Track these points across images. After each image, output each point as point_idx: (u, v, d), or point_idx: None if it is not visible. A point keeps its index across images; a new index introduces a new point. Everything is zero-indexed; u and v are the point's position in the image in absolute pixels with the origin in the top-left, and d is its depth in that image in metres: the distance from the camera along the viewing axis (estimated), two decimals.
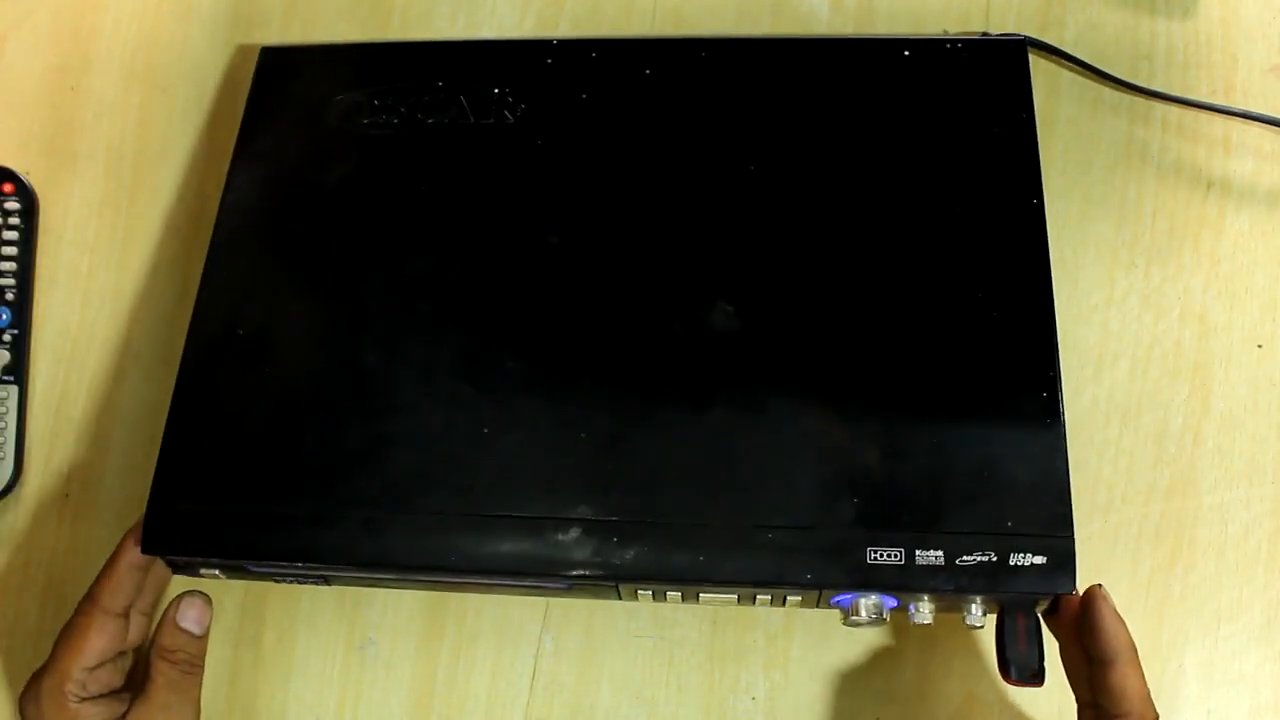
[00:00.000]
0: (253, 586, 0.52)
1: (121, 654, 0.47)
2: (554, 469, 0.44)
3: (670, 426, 0.45)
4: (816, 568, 0.41)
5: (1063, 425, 0.43)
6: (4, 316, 0.55)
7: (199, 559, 0.46)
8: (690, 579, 0.42)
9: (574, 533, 0.43)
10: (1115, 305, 0.52)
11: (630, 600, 0.46)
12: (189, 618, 0.47)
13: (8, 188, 0.57)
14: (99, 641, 0.45)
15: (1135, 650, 0.41)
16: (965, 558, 0.41)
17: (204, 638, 0.48)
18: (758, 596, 0.44)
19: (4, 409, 0.55)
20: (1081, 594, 0.42)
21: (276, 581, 0.48)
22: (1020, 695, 0.48)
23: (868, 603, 0.42)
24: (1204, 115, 0.54)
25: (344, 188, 0.51)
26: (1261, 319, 0.52)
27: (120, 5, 0.61)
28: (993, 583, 0.41)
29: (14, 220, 0.57)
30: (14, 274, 0.56)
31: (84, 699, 0.45)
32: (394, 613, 0.52)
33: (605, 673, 0.51)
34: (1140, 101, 0.55)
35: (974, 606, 0.42)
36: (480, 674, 0.51)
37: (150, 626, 0.48)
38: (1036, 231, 0.46)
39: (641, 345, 0.47)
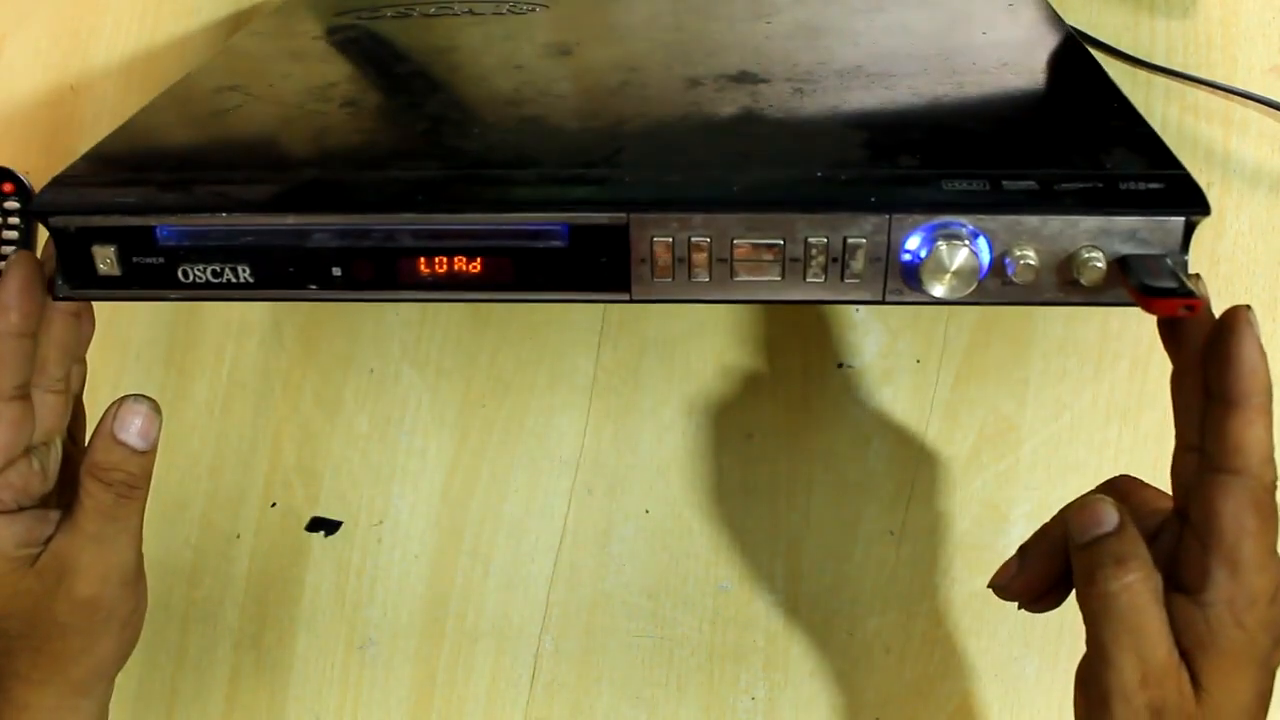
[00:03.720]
0: (251, 584, 0.52)
1: (36, 449, 0.37)
2: (556, 140, 0.37)
3: (689, 100, 0.38)
4: (882, 192, 0.32)
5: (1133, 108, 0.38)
6: None
7: (96, 218, 0.35)
8: (721, 204, 0.33)
9: (574, 175, 0.35)
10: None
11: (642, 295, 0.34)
12: (131, 428, 0.37)
13: (8, 188, 0.57)
14: None
15: (1271, 397, 0.32)
16: (1065, 184, 0.32)
17: (149, 454, 0.37)
18: (809, 241, 0.33)
19: None
20: (1222, 314, 0.33)
21: (196, 290, 0.35)
22: (1019, 696, 0.48)
23: (951, 244, 0.31)
24: (1203, 114, 0.54)
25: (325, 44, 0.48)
26: (1261, 319, 0.51)
27: (120, 5, 0.61)
28: (1104, 206, 0.32)
29: (14, 220, 0.57)
30: None
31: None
32: (394, 612, 0.52)
33: (605, 673, 0.51)
34: (1140, 101, 0.55)
35: (1087, 252, 0.32)
36: (480, 674, 0.51)
37: (69, 406, 0.40)
38: None
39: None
